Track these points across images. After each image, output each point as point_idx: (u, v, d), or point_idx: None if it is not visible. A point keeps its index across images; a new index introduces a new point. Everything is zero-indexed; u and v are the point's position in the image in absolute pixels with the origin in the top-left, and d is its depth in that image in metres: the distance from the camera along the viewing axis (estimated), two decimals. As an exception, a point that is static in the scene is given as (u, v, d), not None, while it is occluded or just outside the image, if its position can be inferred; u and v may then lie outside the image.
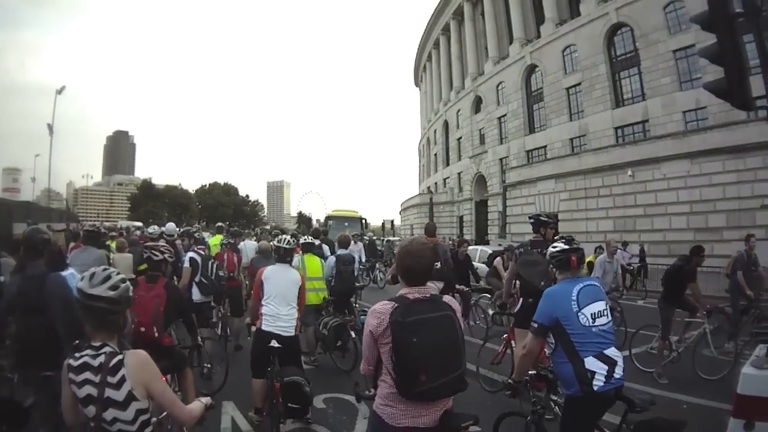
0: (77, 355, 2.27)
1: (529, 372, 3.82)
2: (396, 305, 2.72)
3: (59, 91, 40.23)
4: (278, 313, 5.37)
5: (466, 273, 10.43)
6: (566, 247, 3.66)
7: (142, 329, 4.47)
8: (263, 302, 5.46)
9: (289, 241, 5.91)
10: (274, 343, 5.10)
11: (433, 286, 6.39)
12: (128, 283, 2.43)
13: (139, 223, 42.39)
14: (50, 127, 39.03)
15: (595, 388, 3.27)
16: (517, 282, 6.33)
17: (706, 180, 20.67)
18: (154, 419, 2.43)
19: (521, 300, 6.09)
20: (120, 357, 2.25)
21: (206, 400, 2.63)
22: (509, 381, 3.93)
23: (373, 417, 2.84)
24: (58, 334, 3.83)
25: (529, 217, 6.44)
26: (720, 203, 20.23)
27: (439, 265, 7.32)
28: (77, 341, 2.37)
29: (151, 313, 4.51)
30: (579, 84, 32.00)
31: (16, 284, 4.20)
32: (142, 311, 4.57)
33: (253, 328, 5.74)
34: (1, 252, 7.85)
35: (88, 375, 2.21)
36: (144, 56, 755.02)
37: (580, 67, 31.73)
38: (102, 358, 2.23)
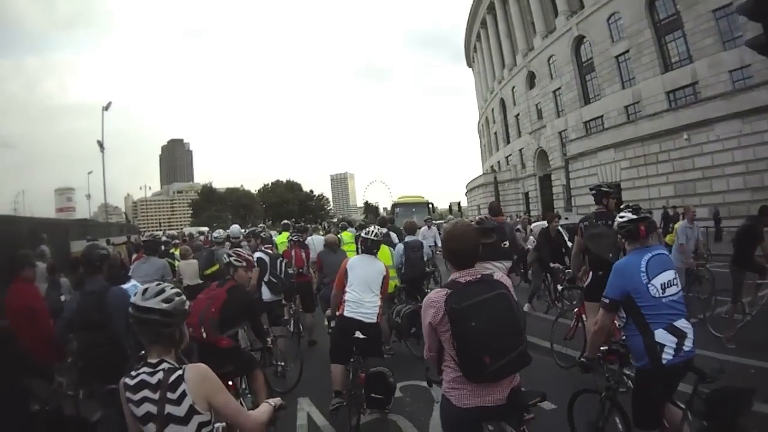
0: (133, 373, 2.25)
1: (601, 348, 3.79)
2: (449, 291, 2.75)
3: (106, 108, 40.00)
4: (361, 300, 5.39)
5: (559, 250, 9.74)
6: (634, 216, 3.58)
7: (190, 329, 4.19)
8: (347, 289, 5.47)
9: (376, 233, 5.93)
10: (359, 334, 5.11)
11: (501, 266, 6.49)
12: (184, 297, 2.41)
13: (205, 228, 42.32)
14: (101, 144, 38.84)
15: (664, 362, 3.25)
16: (586, 256, 6.20)
17: (758, 138, 20.69)
18: (218, 425, 2.43)
19: (591, 273, 6.00)
20: (180, 372, 2.21)
21: (275, 401, 2.62)
22: (582, 359, 4.05)
23: (443, 401, 2.89)
24: (122, 348, 3.89)
25: (590, 189, 6.43)
26: (774, 161, 20.25)
27: (507, 244, 7.35)
28: (143, 352, 2.40)
29: (199, 314, 4.44)
30: (627, 51, 31.91)
31: (76, 301, 4.23)
32: (192, 312, 4.39)
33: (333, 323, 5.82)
34: (60, 271, 8.20)
35: (146, 393, 2.19)
36: (189, 60, 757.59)
37: (626, 34, 31.63)
38: (160, 375, 2.20)
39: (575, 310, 6.74)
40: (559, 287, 9.22)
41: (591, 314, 5.81)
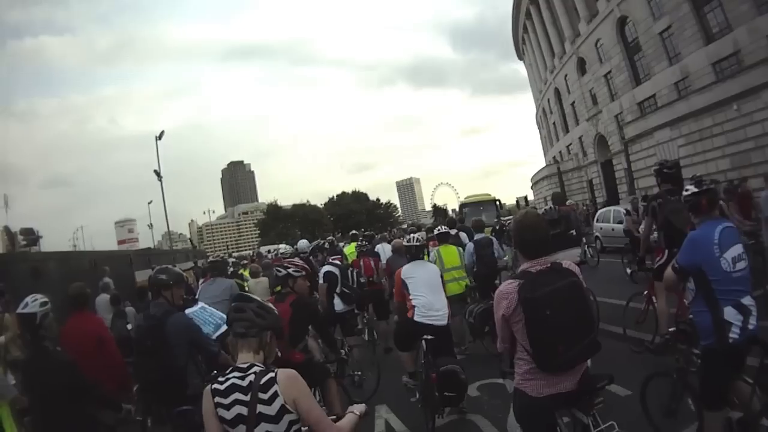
0: (221, 379, 2.29)
1: (669, 329, 3.86)
2: (521, 282, 2.77)
3: (159, 137, 39.19)
4: (431, 303, 5.44)
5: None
6: (696, 189, 3.55)
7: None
8: (413, 295, 5.51)
9: (418, 238, 6.05)
10: (427, 336, 5.25)
11: (573, 253, 6.50)
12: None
13: (276, 246, 41.89)
14: (158, 173, 38.40)
15: (731, 341, 3.24)
16: (660, 234, 6.07)
17: (806, 102, 19.70)
18: (305, 428, 2.39)
19: (665, 252, 5.86)
20: (272, 375, 2.26)
21: (359, 408, 2.61)
22: (650, 343, 4.30)
23: (517, 393, 2.92)
24: (180, 373, 3.87)
25: (660, 170, 6.31)
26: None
27: (574, 232, 7.35)
28: (214, 372, 2.36)
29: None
30: (669, 27, 31.12)
31: (137, 325, 4.42)
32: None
33: None
34: (125, 301, 8.33)
35: (237, 395, 2.23)
36: (238, 81, 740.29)
37: (666, 9, 30.93)
38: (251, 378, 2.25)
39: (645, 292, 6.62)
40: (628, 270, 8.77)
41: (661, 295, 5.87)
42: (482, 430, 5.22)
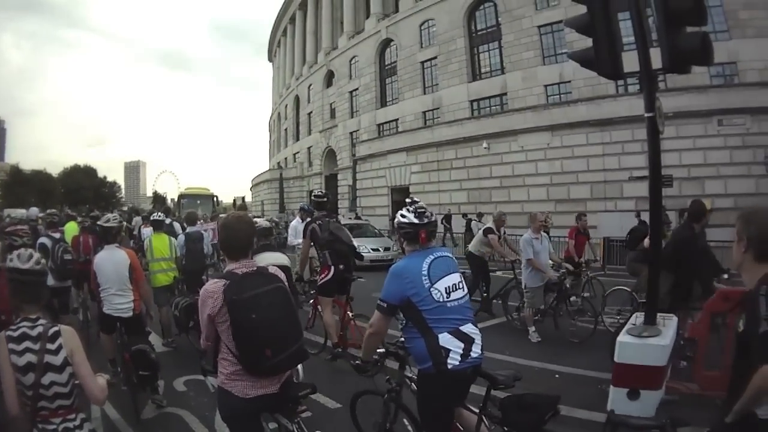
0: (13, 327, 2.24)
1: (378, 350, 3.20)
2: (227, 282, 2.46)
3: None
4: (115, 297, 4.93)
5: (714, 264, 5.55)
6: (416, 221, 2.91)
7: (3, 317, 3.63)
8: (101, 287, 4.98)
9: (110, 219, 5.44)
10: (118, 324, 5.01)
11: (278, 256, 5.66)
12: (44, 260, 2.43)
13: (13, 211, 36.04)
14: None
15: (449, 367, 2.69)
16: (326, 253, 5.84)
17: (568, 152, 18.47)
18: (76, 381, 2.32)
19: (332, 269, 5.71)
20: (57, 328, 2.25)
21: (105, 376, 2.48)
22: (357, 362, 3.26)
23: (222, 393, 2.57)
24: None
25: (311, 198, 6.23)
26: (583, 175, 18.10)
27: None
28: None
29: (9, 299, 3.18)
30: (435, 58, 28.74)
31: None
32: (1, 299, 3.79)
33: None
34: None
35: (28, 344, 2.19)
36: (17, 32, 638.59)
37: (437, 41, 28.44)
38: (40, 329, 2.22)
39: (311, 301, 6.56)
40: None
41: (327, 308, 5.78)
42: (190, 426, 4.63)
